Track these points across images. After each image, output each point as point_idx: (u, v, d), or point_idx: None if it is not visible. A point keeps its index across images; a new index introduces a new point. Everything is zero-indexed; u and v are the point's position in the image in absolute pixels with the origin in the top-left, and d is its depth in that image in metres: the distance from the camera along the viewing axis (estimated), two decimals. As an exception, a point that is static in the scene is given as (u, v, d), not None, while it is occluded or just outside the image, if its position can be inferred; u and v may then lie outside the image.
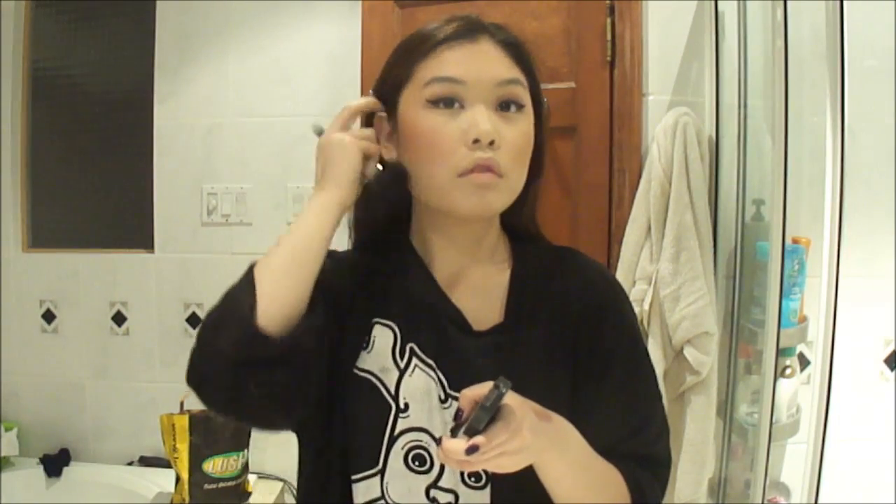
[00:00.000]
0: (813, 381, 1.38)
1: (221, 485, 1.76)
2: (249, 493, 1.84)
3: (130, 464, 2.12)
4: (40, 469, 2.09)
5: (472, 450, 0.64)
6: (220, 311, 0.73)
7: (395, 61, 0.83)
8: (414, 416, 0.78)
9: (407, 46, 0.82)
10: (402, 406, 0.79)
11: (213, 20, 2.08)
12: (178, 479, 1.77)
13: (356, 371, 0.81)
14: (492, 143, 0.76)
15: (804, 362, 1.74)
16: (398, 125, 0.82)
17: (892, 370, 1.76)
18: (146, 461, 2.10)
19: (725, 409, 1.70)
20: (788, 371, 1.61)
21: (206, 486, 1.75)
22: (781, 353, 1.49)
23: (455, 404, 0.75)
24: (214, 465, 1.75)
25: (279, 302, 0.71)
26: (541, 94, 0.84)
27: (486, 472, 0.78)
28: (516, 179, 0.79)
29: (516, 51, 0.81)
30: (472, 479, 0.78)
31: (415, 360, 0.80)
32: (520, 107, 0.79)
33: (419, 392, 0.79)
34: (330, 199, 0.78)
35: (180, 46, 2.10)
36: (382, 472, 0.78)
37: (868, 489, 1.70)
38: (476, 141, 0.76)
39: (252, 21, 2.06)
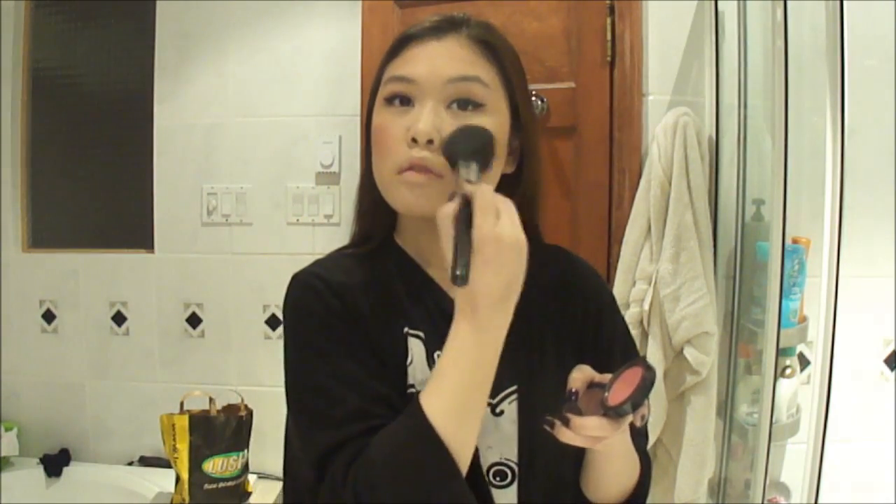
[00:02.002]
0: (813, 381, 1.38)
1: (221, 485, 1.76)
2: (249, 493, 1.84)
3: (130, 464, 2.12)
4: (40, 469, 2.09)
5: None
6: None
7: (380, 63, 0.84)
8: None
9: (388, 48, 0.83)
10: None
11: (213, 20, 2.08)
12: (178, 479, 1.77)
13: (409, 391, 0.78)
14: (430, 142, 0.75)
15: (804, 362, 1.74)
16: None
17: (892, 370, 1.76)
18: (146, 461, 2.11)
19: (725, 409, 1.70)
20: (788, 371, 1.61)
21: (206, 486, 1.75)
22: (781, 353, 1.49)
23: None
24: (214, 465, 1.75)
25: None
26: (516, 93, 0.82)
27: (510, 470, 0.79)
28: None
29: (489, 49, 0.80)
30: (497, 478, 0.79)
31: None
32: (477, 105, 0.77)
33: None
34: (503, 326, 0.70)
35: (180, 46, 2.10)
36: None
37: (868, 489, 1.70)
38: (414, 140, 0.75)
39: (252, 21, 2.05)
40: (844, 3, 1.28)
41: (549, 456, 0.79)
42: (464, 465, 0.68)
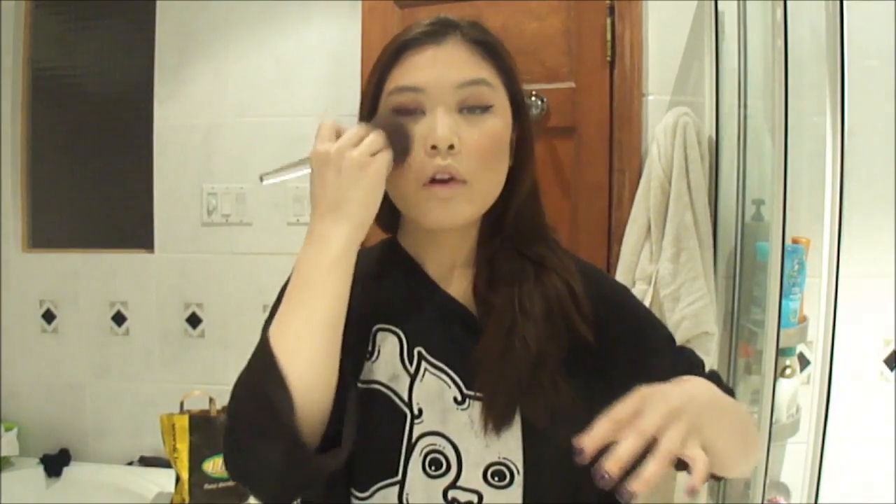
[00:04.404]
0: (813, 381, 1.38)
1: (221, 485, 1.76)
2: (249, 494, 1.85)
3: (130, 464, 2.12)
4: (40, 469, 2.09)
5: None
6: (255, 408, 0.68)
7: (373, 71, 0.82)
8: (427, 420, 0.78)
9: (381, 55, 0.82)
10: (415, 412, 0.78)
11: (213, 20, 2.08)
12: (178, 479, 1.77)
13: (360, 385, 0.78)
14: (451, 147, 0.75)
15: (804, 362, 1.74)
16: None
17: (892, 370, 1.76)
18: (146, 461, 2.11)
19: (725, 409, 1.69)
20: (788, 371, 1.61)
21: (206, 486, 1.75)
22: (781, 353, 1.49)
23: (473, 403, 0.77)
24: (214, 465, 1.75)
25: (316, 395, 0.69)
26: (520, 91, 0.82)
27: (509, 471, 0.77)
28: (483, 183, 0.78)
29: (487, 49, 0.80)
30: (496, 478, 0.77)
31: (424, 364, 0.79)
32: (486, 108, 0.78)
33: (431, 396, 0.78)
34: (349, 240, 0.72)
35: (180, 46, 2.10)
36: (402, 482, 0.77)
37: (868, 489, 1.70)
38: (434, 147, 0.75)
39: (252, 21, 2.06)
40: (844, 3, 1.28)
41: (557, 456, 0.75)
42: (294, 373, 0.68)
